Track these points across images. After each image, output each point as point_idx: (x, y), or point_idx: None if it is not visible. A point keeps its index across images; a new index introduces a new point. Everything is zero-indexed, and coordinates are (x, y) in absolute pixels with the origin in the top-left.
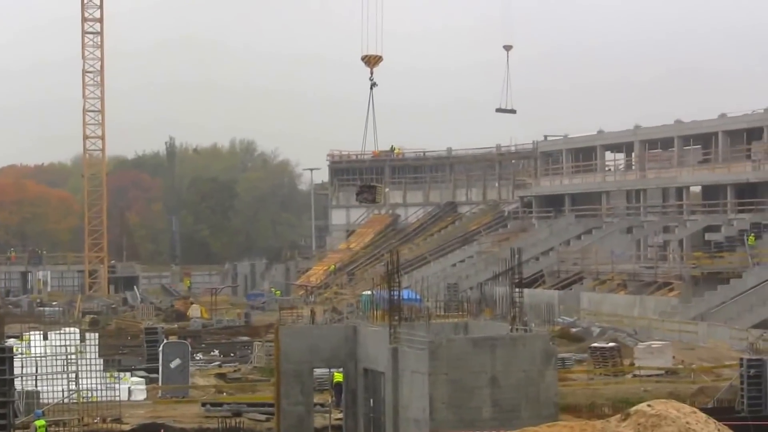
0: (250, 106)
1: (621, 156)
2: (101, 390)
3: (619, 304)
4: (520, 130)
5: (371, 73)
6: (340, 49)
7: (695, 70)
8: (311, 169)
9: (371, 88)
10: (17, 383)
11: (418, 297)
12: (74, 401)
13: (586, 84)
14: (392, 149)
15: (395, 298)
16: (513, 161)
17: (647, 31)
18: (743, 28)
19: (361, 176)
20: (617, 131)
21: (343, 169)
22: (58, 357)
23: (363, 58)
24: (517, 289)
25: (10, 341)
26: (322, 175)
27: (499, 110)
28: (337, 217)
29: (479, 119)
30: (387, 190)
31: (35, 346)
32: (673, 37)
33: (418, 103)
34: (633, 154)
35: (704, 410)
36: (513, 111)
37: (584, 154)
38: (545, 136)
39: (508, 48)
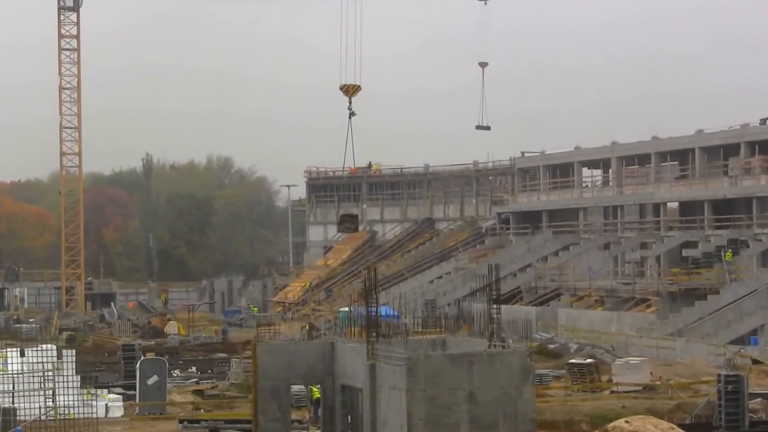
0: (226, 127)
1: (598, 172)
2: (78, 407)
3: (596, 320)
4: (497, 146)
5: (350, 103)
6: (316, 72)
7: (671, 90)
8: (288, 186)
9: (350, 118)
10: None
11: (395, 313)
12: (51, 418)
13: (563, 101)
14: (370, 166)
15: (373, 314)
16: (490, 177)
17: (624, 50)
18: (720, 48)
19: (338, 192)
20: (594, 147)
21: (320, 186)
22: (35, 374)
23: (341, 88)
24: (494, 306)
25: None
26: (300, 192)
27: (478, 127)
28: (315, 234)
29: (457, 136)
30: (364, 206)
31: (12, 363)
32: (650, 56)
33: (396, 121)
34: (610, 171)
35: (682, 426)
36: (487, 128)
37: (561, 171)
38: (522, 153)
39: (483, 65)
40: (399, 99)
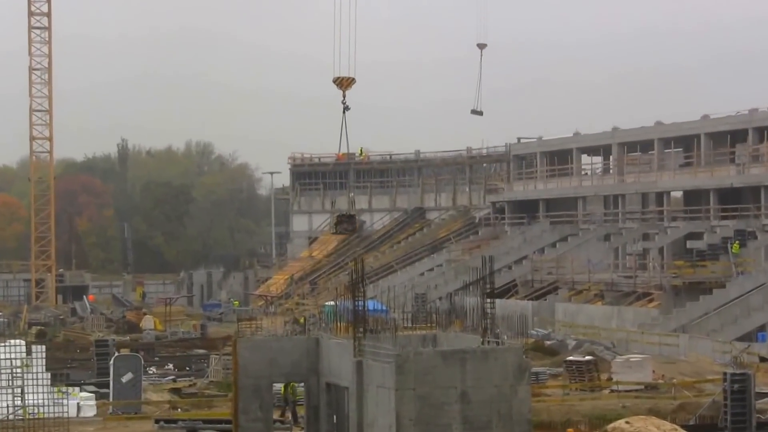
0: (207, 107)
1: (598, 159)
2: (48, 406)
3: (595, 315)
4: (492, 132)
5: (344, 96)
6: (308, 48)
7: (676, 72)
8: (271, 173)
9: (344, 112)
10: None
11: (384, 308)
12: (20, 418)
13: (562, 85)
14: (360, 152)
15: (360, 309)
16: (484, 165)
17: (625, 31)
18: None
19: (324, 180)
20: (594, 133)
21: (305, 173)
22: (3, 371)
23: (335, 80)
24: (488, 300)
25: None
26: (283, 179)
27: (473, 112)
28: (299, 224)
29: (450, 121)
30: (352, 195)
31: None
32: (653, 38)
33: (388, 105)
34: (611, 158)
35: (686, 427)
36: (480, 113)
37: (559, 158)
38: (518, 138)
39: (482, 47)
40: (391, 77)
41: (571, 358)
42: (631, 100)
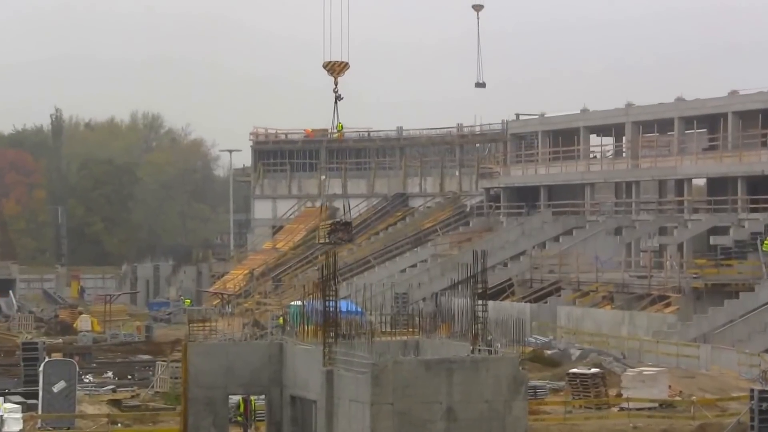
0: (156, 77)
1: (609, 140)
2: None
3: (604, 321)
4: (486, 107)
5: (335, 84)
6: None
7: (701, 45)
8: (230, 151)
9: (336, 102)
10: None
11: (359, 309)
12: None
13: (567, 55)
14: (338, 127)
15: (331, 310)
16: (477, 145)
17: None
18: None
19: (291, 160)
20: (605, 110)
21: (269, 151)
22: None
23: (325, 66)
24: (480, 302)
25: None
26: (244, 159)
27: (477, 85)
28: (262, 210)
29: (436, 94)
30: (323, 177)
31: None
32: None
33: (366, 75)
34: (624, 139)
35: None
36: (483, 85)
37: (564, 138)
38: (517, 115)
39: (478, 8)
40: (372, 49)
41: (574, 370)
42: (647, 76)
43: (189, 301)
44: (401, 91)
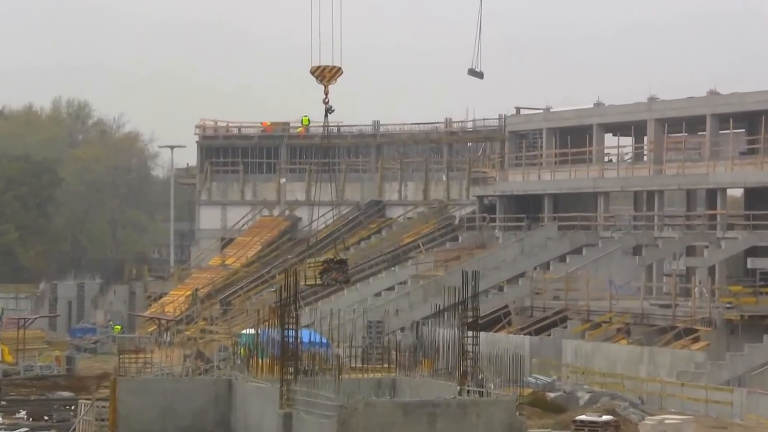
0: (85, 64)
1: (628, 141)
2: None
3: (618, 358)
4: (481, 98)
5: (326, 95)
6: None
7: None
8: (171, 147)
9: (326, 115)
10: None
11: (324, 340)
12: None
13: (579, 40)
14: (305, 121)
15: (290, 340)
16: (469, 144)
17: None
18: None
19: (245, 159)
20: (623, 105)
21: (218, 148)
22: None
23: (314, 72)
24: (470, 333)
25: None
26: (189, 157)
27: (470, 72)
28: (209, 219)
29: (423, 81)
30: (283, 181)
31: None
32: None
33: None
34: (645, 139)
35: None
36: (480, 74)
37: (574, 137)
38: (517, 109)
39: None
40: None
41: (582, 417)
42: (673, 66)
43: (119, 327)
44: (378, 78)
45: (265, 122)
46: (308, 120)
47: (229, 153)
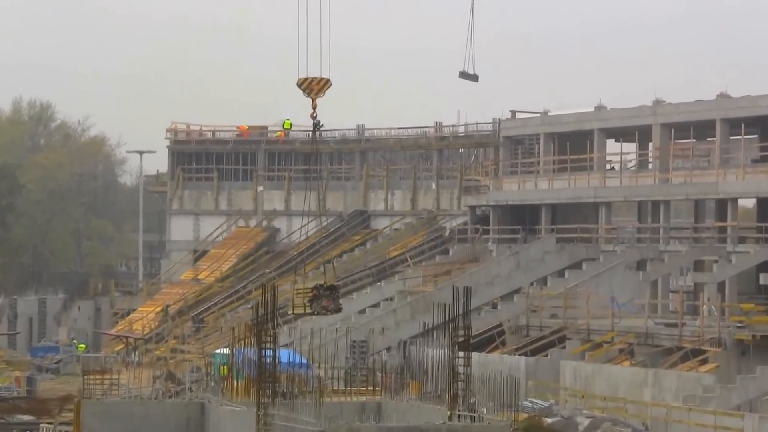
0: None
1: (631, 147)
2: None
3: (621, 380)
4: (474, 101)
5: (313, 109)
6: None
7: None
8: (140, 152)
9: (314, 131)
10: None
11: (304, 361)
12: None
13: (578, 40)
14: (286, 125)
15: (268, 361)
16: (461, 150)
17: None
18: None
19: (219, 165)
20: (626, 108)
21: (191, 153)
22: None
23: (301, 84)
24: (461, 353)
25: None
26: (158, 163)
27: (462, 75)
28: (180, 230)
29: (412, 84)
30: (260, 189)
31: None
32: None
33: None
34: (650, 145)
35: None
36: (475, 77)
37: (574, 143)
38: (513, 113)
39: None
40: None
41: None
42: (679, 66)
43: (83, 345)
44: (363, 79)
45: (241, 125)
46: (290, 124)
47: (202, 159)
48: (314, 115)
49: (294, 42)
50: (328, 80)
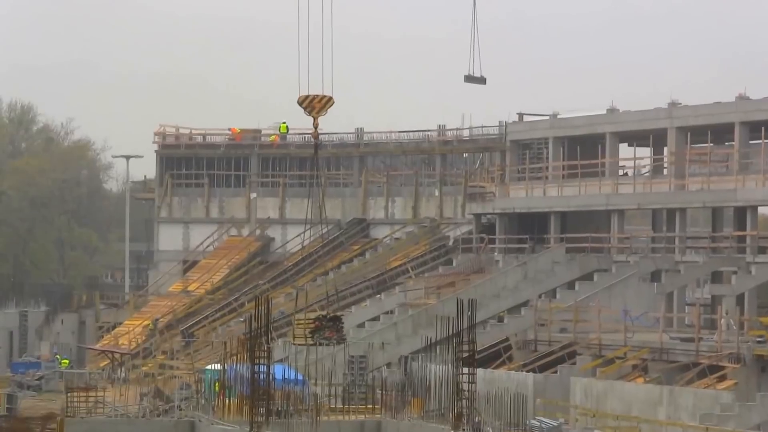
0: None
1: (645, 152)
2: None
3: (634, 398)
4: (479, 103)
5: (315, 128)
6: None
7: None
8: (127, 157)
9: (315, 152)
10: None
11: (299, 377)
12: None
13: (588, 40)
14: (282, 129)
15: (261, 377)
16: (465, 155)
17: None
18: None
19: (210, 171)
20: (640, 111)
21: (180, 158)
22: None
23: (302, 102)
24: (465, 370)
25: None
26: (147, 168)
27: (468, 79)
28: (169, 239)
29: (413, 85)
30: (254, 196)
31: None
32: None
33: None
34: (665, 150)
35: None
36: (482, 80)
37: (585, 147)
38: (520, 115)
39: None
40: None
41: None
42: (698, 68)
43: (67, 361)
44: (362, 80)
45: (233, 129)
46: (287, 127)
47: (192, 164)
48: (316, 135)
49: (294, 44)
50: (330, 98)
